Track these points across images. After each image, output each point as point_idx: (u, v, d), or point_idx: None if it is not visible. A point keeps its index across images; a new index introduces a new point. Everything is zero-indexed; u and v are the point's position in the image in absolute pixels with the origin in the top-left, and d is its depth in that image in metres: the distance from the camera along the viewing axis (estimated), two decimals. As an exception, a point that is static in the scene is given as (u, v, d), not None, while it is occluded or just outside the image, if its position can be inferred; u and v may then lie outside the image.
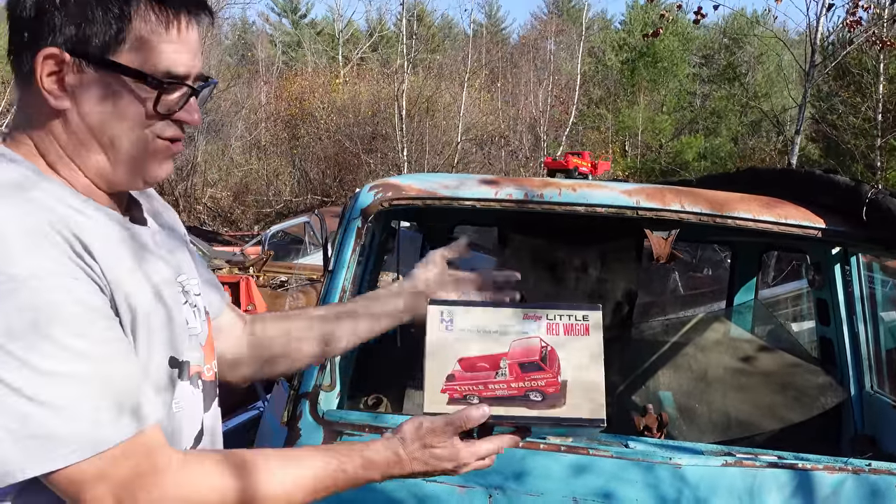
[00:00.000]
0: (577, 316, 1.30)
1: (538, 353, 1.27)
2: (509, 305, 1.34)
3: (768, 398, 3.02)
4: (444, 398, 1.26)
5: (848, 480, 1.90)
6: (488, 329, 1.29)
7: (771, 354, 3.13)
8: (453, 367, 1.27)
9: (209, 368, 1.28)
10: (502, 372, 1.27)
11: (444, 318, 1.30)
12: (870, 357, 3.04)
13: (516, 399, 1.25)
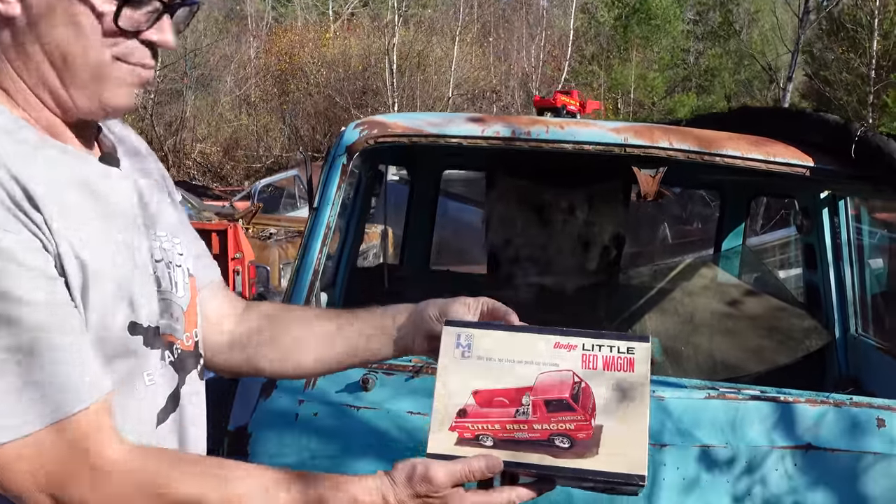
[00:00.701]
0: (621, 347, 1.09)
1: (569, 389, 1.07)
2: (539, 331, 1.13)
3: (754, 341, 3.04)
4: (452, 438, 1.07)
5: (829, 413, 1.91)
6: (512, 358, 1.10)
7: (757, 298, 3.14)
8: (467, 400, 1.09)
9: (189, 337, 1.13)
10: (524, 410, 1.07)
11: (461, 343, 1.12)
12: (855, 301, 3.05)
13: (539, 444, 1.05)
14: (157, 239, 1.10)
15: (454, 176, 8.76)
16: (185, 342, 1.12)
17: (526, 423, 1.06)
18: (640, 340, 1.10)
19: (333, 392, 1.93)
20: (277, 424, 1.93)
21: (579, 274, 3.18)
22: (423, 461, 1.02)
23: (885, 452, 1.88)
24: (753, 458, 1.87)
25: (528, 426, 1.06)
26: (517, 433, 1.06)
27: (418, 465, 1.01)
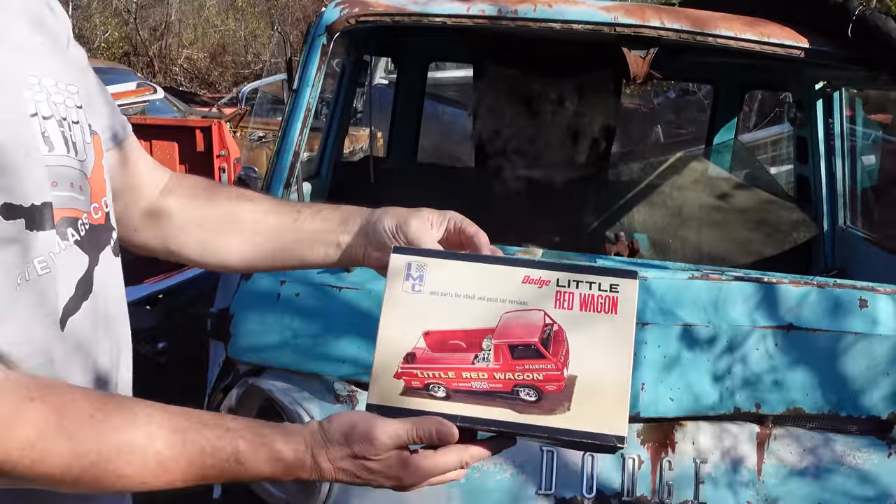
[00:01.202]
0: (603, 284, 0.92)
1: (539, 332, 0.92)
2: (505, 262, 0.95)
3: (742, 234, 3.03)
4: (397, 387, 0.92)
5: (812, 294, 1.91)
6: (472, 293, 0.94)
7: (747, 192, 3.12)
8: (416, 343, 0.93)
9: (97, 208, 0.94)
10: (484, 356, 0.92)
11: (412, 274, 0.95)
12: (845, 194, 3.03)
13: (500, 396, 0.91)
14: (43, 90, 0.86)
15: (445, 80, 8.59)
16: (93, 215, 0.92)
17: (486, 371, 0.91)
18: (626, 276, 0.93)
19: (315, 273, 1.91)
20: (259, 305, 1.92)
21: (568, 167, 3.14)
22: (365, 417, 0.87)
23: (866, 332, 1.88)
24: (734, 338, 1.88)
25: (489, 375, 0.91)
26: (475, 383, 0.91)
27: (359, 423, 0.87)
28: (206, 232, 1.12)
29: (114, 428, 0.81)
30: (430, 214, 1.05)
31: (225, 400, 1.95)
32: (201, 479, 0.85)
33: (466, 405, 0.91)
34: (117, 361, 0.98)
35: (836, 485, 1.91)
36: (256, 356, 1.91)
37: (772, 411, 1.90)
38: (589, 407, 0.89)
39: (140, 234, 1.12)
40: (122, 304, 0.99)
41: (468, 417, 0.90)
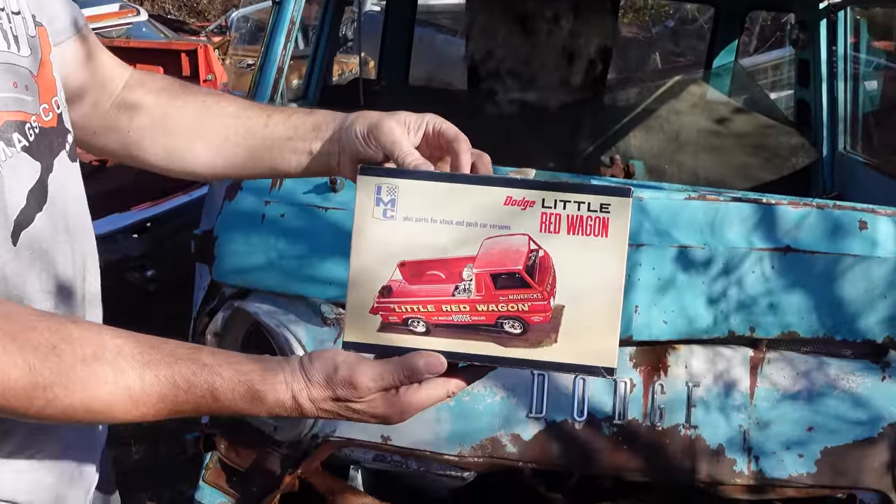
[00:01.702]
0: (593, 204, 0.84)
1: (524, 259, 0.85)
2: (486, 181, 0.87)
3: (740, 159, 2.97)
4: (373, 323, 0.86)
5: (811, 215, 1.86)
6: (449, 217, 0.86)
7: (746, 116, 3.05)
8: (391, 275, 0.86)
9: (47, 109, 0.87)
10: (465, 287, 0.86)
11: (382, 199, 0.86)
12: (846, 118, 2.96)
13: (483, 329, 0.85)
14: None
15: (438, 6, 8.38)
16: (43, 117, 0.86)
17: (467, 302, 0.86)
18: (618, 194, 0.85)
19: (301, 193, 1.85)
20: (243, 226, 1.86)
21: (563, 89, 3.05)
22: (347, 360, 0.82)
23: (865, 255, 1.84)
24: (731, 260, 1.84)
25: (471, 307, 0.85)
26: (456, 316, 0.85)
27: (340, 367, 0.82)
28: (170, 135, 1.03)
29: (80, 361, 0.76)
30: (406, 117, 0.95)
31: (210, 324, 1.91)
32: (175, 413, 0.81)
33: (448, 340, 0.85)
34: (83, 273, 0.93)
35: (828, 409, 1.90)
36: (242, 278, 1.86)
37: (766, 335, 1.87)
38: (577, 338, 0.84)
39: (100, 137, 1.04)
40: (83, 212, 0.94)
41: (450, 353, 0.85)
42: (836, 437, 1.91)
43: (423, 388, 0.84)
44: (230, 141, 1.02)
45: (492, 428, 1.80)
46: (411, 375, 0.82)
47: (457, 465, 1.82)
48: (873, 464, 1.91)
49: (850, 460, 1.91)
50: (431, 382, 0.84)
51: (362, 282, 0.86)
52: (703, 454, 1.88)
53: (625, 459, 1.84)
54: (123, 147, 1.04)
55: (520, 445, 1.81)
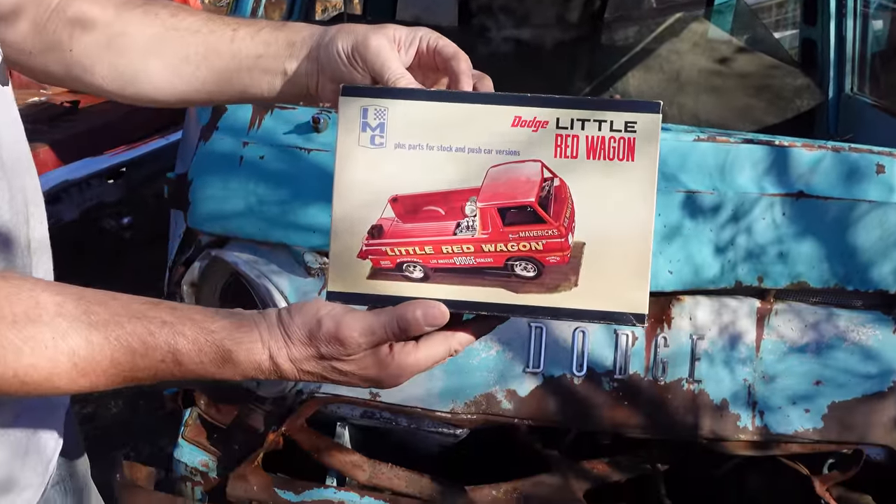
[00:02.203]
0: (616, 122, 0.73)
1: (536, 189, 0.74)
2: (489, 99, 0.76)
3: (742, 101, 2.85)
4: (362, 269, 0.75)
5: (826, 159, 1.75)
6: (448, 143, 0.74)
7: (749, 56, 2.91)
8: (382, 212, 0.75)
9: None
10: (468, 224, 0.74)
11: (369, 123, 0.75)
12: (854, 58, 2.83)
13: (491, 272, 0.74)
14: None
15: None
16: None
17: (471, 242, 0.74)
18: (646, 109, 0.73)
19: (281, 133, 1.72)
20: (220, 169, 1.73)
21: (559, 26, 2.90)
22: (332, 312, 0.71)
23: (881, 201, 1.74)
24: (740, 206, 1.73)
25: (476, 247, 0.74)
26: (458, 258, 0.74)
27: (325, 320, 0.70)
28: (120, 53, 0.89)
29: (10, 323, 0.64)
30: (396, 32, 0.83)
31: (187, 274, 1.79)
32: (131, 381, 0.71)
33: (450, 287, 0.74)
34: (25, 217, 0.80)
35: (837, 362, 1.82)
36: (219, 226, 1.74)
37: (774, 285, 1.78)
38: (601, 280, 0.73)
39: (37, 57, 0.90)
40: (19, 144, 0.83)
41: (454, 302, 0.74)
42: (845, 391, 1.83)
43: (421, 345, 0.73)
44: (190, 60, 0.89)
45: (486, 383, 1.71)
46: (407, 328, 0.71)
47: (449, 422, 1.73)
48: (882, 418, 1.84)
49: (858, 415, 1.83)
50: (431, 338, 0.73)
51: (348, 221, 0.75)
52: (707, 409, 1.80)
53: (625, 416, 1.75)
54: (66, 69, 0.91)
55: (516, 401, 1.72)
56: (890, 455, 1.88)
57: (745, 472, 2.09)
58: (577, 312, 0.73)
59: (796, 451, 1.84)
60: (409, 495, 1.79)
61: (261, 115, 1.71)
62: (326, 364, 0.72)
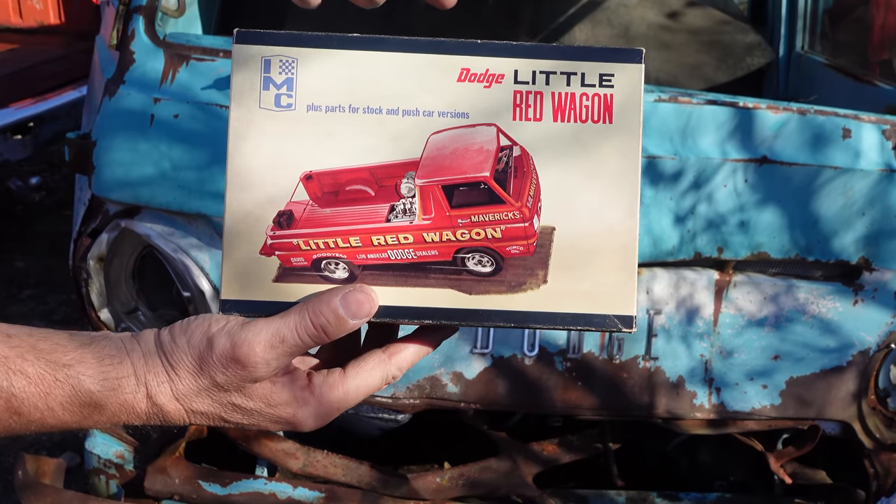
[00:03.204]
0: (589, 75, 0.58)
1: (490, 161, 0.58)
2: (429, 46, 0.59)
3: (693, 57, 2.73)
4: (267, 268, 0.58)
5: (792, 121, 1.64)
6: (377, 104, 0.58)
7: (699, 10, 2.79)
8: (292, 194, 0.58)
9: None
10: (405, 206, 0.59)
11: (273, 79, 0.59)
12: (805, 14, 2.74)
13: (436, 269, 0.58)
14: None
15: None
16: None
17: (410, 230, 0.58)
18: (625, 59, 0.58)
19: (199, 88, 1.52)
20: (128, 129, 1.53)
21: (502, -25, 2.73)
22: (227, 328, 0.55)
23: (846, 167, 1.64)
24: (702, 172, 1.61)
25: (415, 237, 0.58)
26: (393, 251, 0.58)
27: (217, 338, 0.55)
28: None
29: None
30: None
31: (93, 247, 1.60)
32: None
33: (384, 289, 0.58)
34: None
35: (795, 336, 1.74)
36: (128, 193, 1.54)
37: (734, 256, 1.68)
38: (577, 275, 0.58)
39: None
40: None
41: (389, 308, 0.58)
42: (803, 366, 1.76)
43: (349, 372, 0.57)
44: None
45: (430, 366, 1.57)
46: (326, 326, 0.55)
47: (390, 406, 1.59)
48: (839, 393, 1.78)
49: (816, 391, 1.77)
50: (362, 362, 0.57)
51: (247, 206, 0.58)
52: (662, 388, 1.71)
53: (579, 397, 1.64)
54: None
55: (462, 384, 1.59)
56: (845, 429, 1.82)
57: (697, 447, 2.02)
58: (549, 317, 0.58)
59: (753, 428, 1.76)
60: (347, 485, 1.66)
61: (175, 68, 1.51)
62: (224, 399, 0.56)
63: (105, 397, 0.53)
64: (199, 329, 0.56)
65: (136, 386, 0.54)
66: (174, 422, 0.56)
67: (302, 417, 0.57)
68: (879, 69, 3.20)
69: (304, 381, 0.57)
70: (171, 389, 0.55)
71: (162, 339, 0.56)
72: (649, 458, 2.07)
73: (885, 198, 1.65)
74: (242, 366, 0.54)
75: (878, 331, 1.75)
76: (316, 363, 0.61)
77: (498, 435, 1.73)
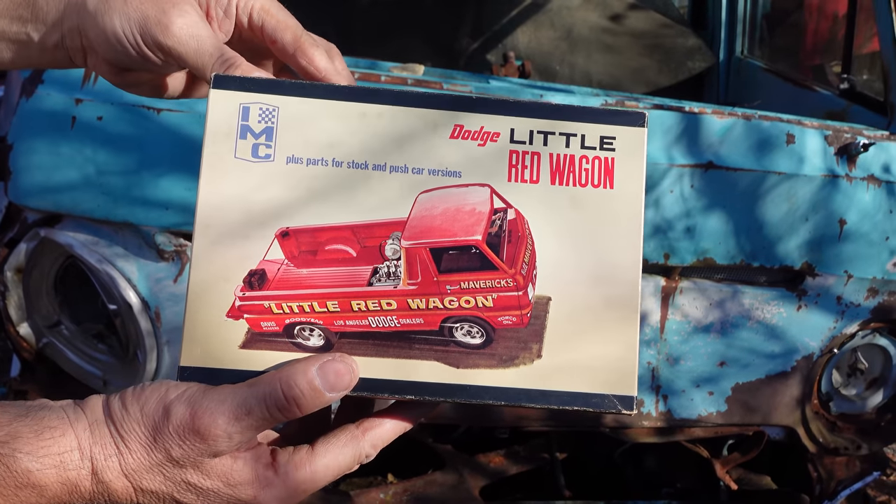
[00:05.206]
0: (589, 137, 0.55)
1: (483, 224, 0.54)
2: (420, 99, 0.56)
3: (635, 61, 2.73)
4: (233, 333, 0.53)
5: (737, 126, 1.63)
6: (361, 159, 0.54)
7: (641, 13, 2.79)
8: (266, 252, 0.54)
9: None
10: (389, 270, 0.54)
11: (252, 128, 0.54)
12: (745, 19, 2.76)
13: (421, 339, 0.54)
14: None
15: None
16: None
17: (393, 296, 0.53)
18: (629, 122, 0.55)
19: (124, 89, 1.43)
20: (48, 132, 1.43)
21: (444, -25, 2.68)
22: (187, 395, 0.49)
23: (790, 172, 1.64)
24: (649, 178, 1.59)
25: (399, 303, 0.53)
26: (374, 318, 0.53)
27: (175, 406, 0.49)
28: None
29: None
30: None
31: (11, 257, 1.49)
32: None
33: (363, 359, 0.53)
34: None
35: (741, 341, 1.73)
36: (48, 200, 1.44)
37: (681, 262, 1.66)
38: (573, 350, 0.54)
39: None
40: None
41: (368, 381, 0.52)
42: (748, 372, 1.75)
43: (318, 449, 0.51)
44: None
45: (373, 379, 1.51)
46: (298, 399, 0.48)
47: (331, 422, 1.53)
48: (784, 399, 1.78)
49: (762, 396, 1.76)
50: (332, 439, 0.51)
51: (215, 263, 0.52)
52: (610, 396, 1.68)
53: (524, 409, 1.60)
54: None
55: (406, 398, 1.53)
56: (789, 434, 1.83)
57: (644, 455, 2.01)
58: (543, 395, 0.53)
59: (699, 435, 1.75)
60: (286, 504, 1.59)
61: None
62: (179, 477, 0.49)
63: (45, 477, 0.46)
64: (153, 395, 0.49)
65: (80, 461, 0.47)
66: (121, 502, 0.49)
67: (263, 500, 0.50)
68: (812, 73, 3.25)
69: (267, 459, 0.51)
70: (120, 464, 0.48)
71: (111, 407, 0.49)
72: (596, 466, 2.05)
73: (827, 203, 1.66)
74: (202, 438, 0.48)
75: (822, 336, 1.76)
76: (276, 437, 0.54)
77: (443, 448, 1.68)
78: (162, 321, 1.47)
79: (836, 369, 1.86)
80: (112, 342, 1.56)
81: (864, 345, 1.83)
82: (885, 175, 1.69)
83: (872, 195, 1.68)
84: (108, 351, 1.56)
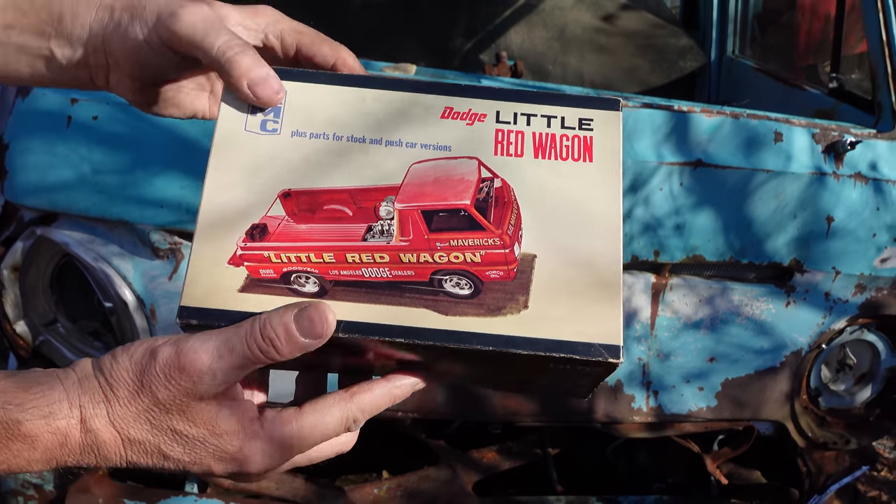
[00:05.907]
0: (569, 118, 0.60)
1: (471, 190, 0.58)
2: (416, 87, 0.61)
3: (628, 61, 2.75)
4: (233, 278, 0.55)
5: (725, 125, 1.65)
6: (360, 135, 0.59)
7: (633, 14, 2.81)
8: (268, 208, 0.57)
9: None
10: (383, 228, 0.57)
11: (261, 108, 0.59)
12: (736, 19, 2.78)
13: (412, 289, 0.56)
14: None
15: None
16: None
17: (386, 250, 0.56)
18: (605, 106, 0.61)
19: (119, 89, 1.45)
20: (44, 131, 1.45)
21: (438, -24, 2.70)
22: (173, 339, 0.51)
23: (778, 170, 1.66)
24: (639, 176, 1.61)
25: (391, 256, 0.56)
26: (368, 269, 0.56)
27: (162, 349, 0.50)
28: None
29: None
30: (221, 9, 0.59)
31: (7, 256, 1.51)
32: None
33: (355, 304, 0.55)
34: None
35: (731, 337, 1.75)
36: (45, 199, 1.46)
37: (670, 259, 1.68)
38: (559, 301, 0.56)
39: None
40: None
41: (359, 324, 0.54)
42: (738, 367, 1.77)
43: (305, 409, 0.53)
44: None
45: (366, 375, 1.53)
46: (275, 340, 0.50)
47: (325, 418, 1.54)
48: (773, 394, 1.80)
49: (751, 392, 1.78)
50: (321, 400, 0.53)
51: (220, 216, 0.56)
52: (601, 392, 1.70)
53: (517, 404, 1.62)
54: None
55: (399, 393, 1.55)
56: (778, 429, 1.85)
57: (635, 450, 2.03)
58: (530, 342, 0.55)
59: (690, 430, 1.77)
60: (281, 499, 1.60)
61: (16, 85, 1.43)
62: (165, 423, 0.50)
63: (36, 427, 0.47)
64: (142, 345, 0.51)
65: (69, 410, 0.48)
66: (109, 457, 0.50)
67: (249, 453, 0.51)
68: (805, 73, 3.28)
69: (254, 413, 0.52)
70: (108, 412, 0.49)
71: (101, 361, 0.51)
72: (588, 461, 2.07)
73: (815, 200, 1.68)
74: (187, 374, 0.49)
75: (810, 331, 1.78)
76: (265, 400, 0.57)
77: (437, 444, 1.70)
78: (157, 318, 1.49)
79: (825, 365, 1.88)
80: (108, 339, 1.58)
81: (853, 340, 1.85)
82: (872, 172, 1.71)
83: (860, 192, 1.70)
84: (103, 348, 1.57)
